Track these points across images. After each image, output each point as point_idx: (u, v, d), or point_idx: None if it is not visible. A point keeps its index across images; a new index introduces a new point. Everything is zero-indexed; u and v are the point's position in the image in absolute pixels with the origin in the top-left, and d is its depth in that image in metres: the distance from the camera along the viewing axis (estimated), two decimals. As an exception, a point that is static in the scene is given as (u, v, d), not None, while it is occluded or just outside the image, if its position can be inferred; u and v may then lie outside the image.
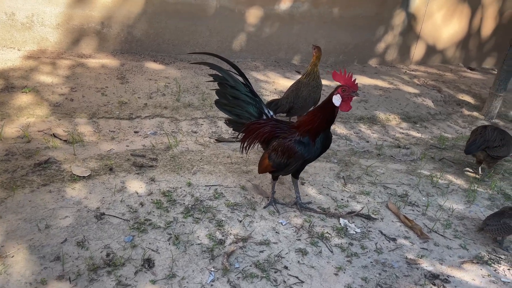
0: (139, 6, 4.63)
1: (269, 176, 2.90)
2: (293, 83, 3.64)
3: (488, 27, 6.28)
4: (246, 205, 2.56)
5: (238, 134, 2.63)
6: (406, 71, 5.77)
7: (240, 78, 2.56)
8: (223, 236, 2.26)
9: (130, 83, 4.07)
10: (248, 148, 2.57)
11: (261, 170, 2.54)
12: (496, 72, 5.11)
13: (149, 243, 2.13)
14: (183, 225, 2.30)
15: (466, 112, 4.87)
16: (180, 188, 2.62)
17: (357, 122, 4.26)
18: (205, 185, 2.69)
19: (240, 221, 2.40)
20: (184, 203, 2.48)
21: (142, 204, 2.41)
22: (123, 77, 4.16)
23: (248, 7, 5.07)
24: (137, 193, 2.50)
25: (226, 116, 2.65)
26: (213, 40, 5.10)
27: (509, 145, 3.23)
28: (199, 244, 2.18)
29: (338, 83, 2.25)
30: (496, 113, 4.77)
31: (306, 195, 2.78)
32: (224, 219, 2.40)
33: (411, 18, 5.78)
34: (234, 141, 3.44)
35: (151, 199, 2.46)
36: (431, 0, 5.74)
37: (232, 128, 2.73)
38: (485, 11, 6.13)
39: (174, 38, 4.95)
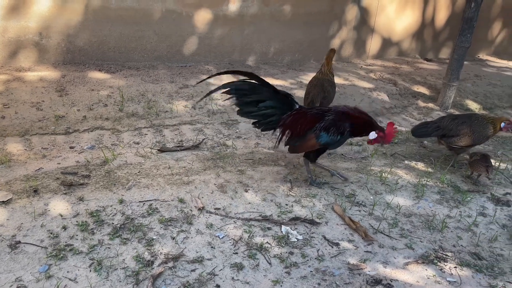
0: (78, 14, 4.42)
1: (211, 186, 2.78)
2: (312, 78, 4.02)
3: (441, 17, 6.30)
4: (182, 220, 2.40)
5: (274, 131, 2.82)
6: (362, 66, 5.72)
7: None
8: (152, 256, 2.11)
9: (69, 95, 3.86)
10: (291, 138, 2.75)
11: (301, 150, 2.80)
12: (449, 62, 5.09)
13: (67, 272, 1.95)
14: (109, 248, 2.13)
15: (422, 104, 4.85)
16: (111, 206, 2.45)
17: (311, 121, 4.16)
18: (139, 201, 2.52)
19: (173, 238, 2.25)
20: (112, 223, 2.30)
21: (64, 228, 2.22)
22: (63, 89, 3.95)
23: (195, 9, 4.92)
24: (61, 216, 2.32)
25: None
26: (162, 45, 4.93)
27: (473, 133, 3.17)
28: (123, 268, 2.01)
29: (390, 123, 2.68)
30: (451, 103, 4.76)
31: (249, 203, 2.65)
32: (155, 237, 2.24)
33: (364, 12, 5.74)
34: (178, 150, 3.29)
35: (76, 221, 2.28)
36: (382, -7, 5.71)
37: (261, 129, 2.82)
38: (437, 2, 6.15)
39: (120, 45, 4.75)
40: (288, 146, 2.84)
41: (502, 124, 3.17)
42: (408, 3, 5.94)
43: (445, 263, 2.28)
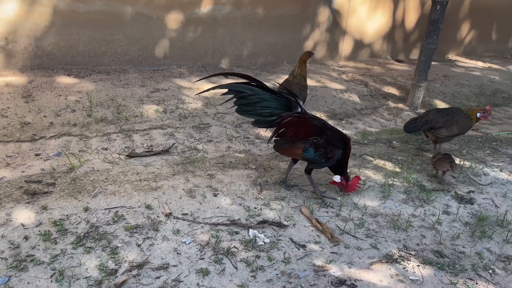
0: (46, 18, 4.34)
1: (180, 191, 2.77)
2: (283, 81, 4.12)
3: (411, 18, 6.43)
4: (148, 226, 2.39)
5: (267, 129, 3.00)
6: (334, 68, 5.79)
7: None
8: (116, 265, 2.08)
9: (36, 101, 3.78)
10: (286, 138, 2.74)
11: (285, 153, 2.90)
12: (418, 63, 5.18)
13: (28, 283, 1.91)
14: (71, 257, 2.10)
15: (392, 105, 4.94)
16: (75, 214, 2.41)
17: (283, 123, 4.18)
18: (105, 208, 2.49)
19: (139, 245, 2.23)
20: (76, 232, 2.27)
21: (26, 238, 2.18)
22: (29, 95, 3.87)
23: (166, 12, 4.89)
24: (23, 226, 2.27)
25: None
26: (133, 48, 4.89)
27: (458, 123, 3.41)
28: (86, 277, 1.98)
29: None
30: (420, 103, 4.86)
31: (218, 207, 2.64)
32: (120, 245, 2.22)
33: (336, 14, 5.81)
34: (147, 155, 3.26)
35: (39, 231, 2.24)
36: (353, -4, 5.79)
37: (257, 126, 2.87)
38: (407, 3, 6.28)
39: (89, 49, 4.69)
40: (275, 143, 2.85)
41: (478, 114, 3.40)
42: (379, 5, 6.04)
43: (409, 262, 2.33)
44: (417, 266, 2.30)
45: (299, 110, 2.77)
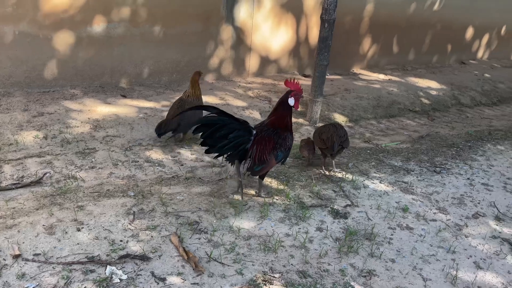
0: None
1: (39, 227, 2.55)
2: (175, 102, 4.05)
3: (314, 34, 6.62)
4: (-12, 272, 2.16)
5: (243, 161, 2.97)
6: (241, 84, 5.81)
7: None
8: None
9: None
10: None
11: (264, 171, 2.96)
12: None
13: None
14: None
15: (293, 120, 5.00)
16: None
17: (177, 144, 4.08)
18: None
19: (-30, 296, 2.00)
20: None
21: None
22: None
23: (54, 31, 4.64)
24: None
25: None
26: (18, 70, 4.57)
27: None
28: None
29: (288, 88, 2.99)
30: (318, 118, 4.99)
31: (78, 244, 2.46)
32: None
33: (240, 32, 5.85)
34: (13, 188, 3.00)
35: None
36: (255, 13, 5.87)
37: (230, 162, 2.96)
38: (309, 20, 6.48)
39: (-35, 72, 4.31)
40: (249, 171, 2.96)
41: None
42: (281, 22, 6.18)
43: (271, 286, 2.30)
44: (280, 289, 2.28)
45: (254, 132, 2.87)
